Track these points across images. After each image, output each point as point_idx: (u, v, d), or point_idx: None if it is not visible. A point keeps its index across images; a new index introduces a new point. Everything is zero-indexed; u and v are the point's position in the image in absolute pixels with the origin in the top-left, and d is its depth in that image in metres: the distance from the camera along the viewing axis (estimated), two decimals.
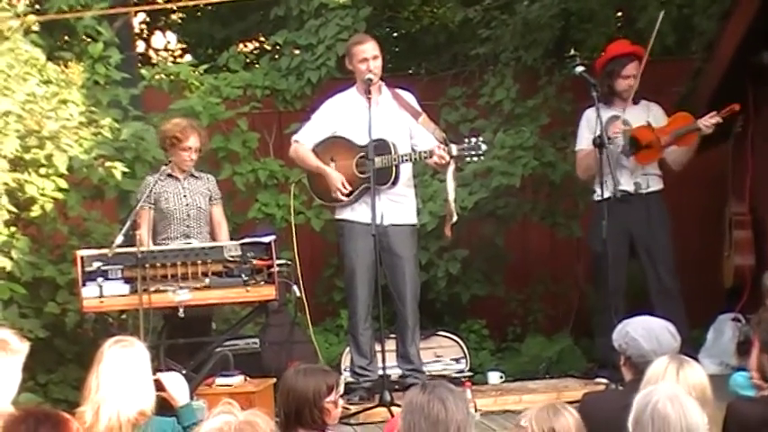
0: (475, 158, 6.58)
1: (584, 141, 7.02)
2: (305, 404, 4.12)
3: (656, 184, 7.06)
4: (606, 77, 7.04)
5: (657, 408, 3.15)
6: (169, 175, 6.63)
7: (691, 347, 6.10)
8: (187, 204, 6.65)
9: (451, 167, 6.53)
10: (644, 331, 4.26)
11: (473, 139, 6.53)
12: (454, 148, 6.46)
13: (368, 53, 6.59)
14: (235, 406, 2.94)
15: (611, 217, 6.71)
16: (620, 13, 9.33)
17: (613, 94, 7.04)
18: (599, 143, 6.66)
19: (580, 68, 6.78)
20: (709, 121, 6.80)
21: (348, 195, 6.57)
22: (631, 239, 6.99)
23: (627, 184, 6.93)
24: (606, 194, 6.73)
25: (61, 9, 7.46)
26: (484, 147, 6.53)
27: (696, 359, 5.25)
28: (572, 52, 7.16)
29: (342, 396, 4.41)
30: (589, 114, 6.97)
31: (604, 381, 6.70)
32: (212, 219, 6.77)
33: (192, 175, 6.73)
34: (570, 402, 3.91)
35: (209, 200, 6.75)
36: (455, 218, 6.67)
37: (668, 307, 6.51)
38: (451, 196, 6.59)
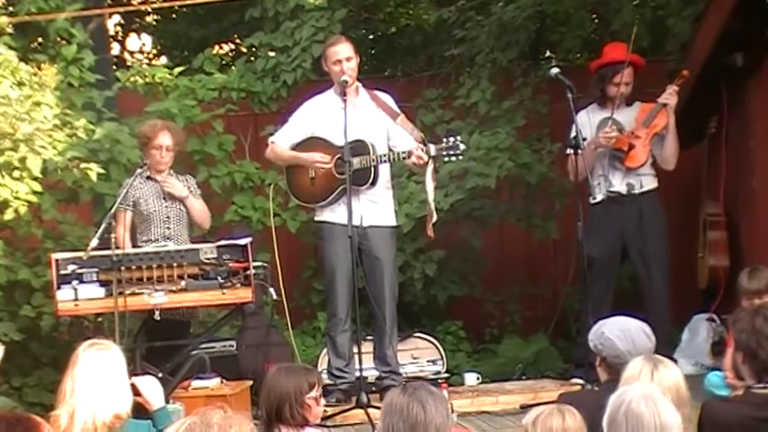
0: (453, 158, 6.57)
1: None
2: (285, 401, 4.19)
3: (649, 183, 7.05)
4: (599, 81, 7.10)
5: (631, 407, 3.16)
6: (149, 178, 6.62)
7: (668, 349, 6.11)
8: (167, 206, 6.63)
9: (430, 167, 6.52)
10: (619, 332, 4.28)
11: (451, 139, 6.52)
12: (433, 148, 6.45)
13: (341, 54, 6.58)
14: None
15: (606, 219, 6.72)
16: (594, 16, 9.35)
17: (605, 97, 7.09)
18: (573, 144, 6.67)
19: (555, 70, 6.78)
20: (666, 93, 6.95)
21: (328, 163, 6.53)
22: (624, 241, 7.00)
23: (619, 186, 6.97)
24: (599, 197, 6.76)
25: (34, 11, 7.41)
26: (462, 146, 6.52)
27: (674, 359, 5.28)
28: (547, 54, 7.18)
29: None
30: (581, 117, 6.99)
31: (580, 381, 6.71)
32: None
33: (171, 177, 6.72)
34: (546, 403, 3.92)
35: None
36: (435, 218, 6.66)
37: (656, 310, 6.54)
38: (431, 196, 6.59)
